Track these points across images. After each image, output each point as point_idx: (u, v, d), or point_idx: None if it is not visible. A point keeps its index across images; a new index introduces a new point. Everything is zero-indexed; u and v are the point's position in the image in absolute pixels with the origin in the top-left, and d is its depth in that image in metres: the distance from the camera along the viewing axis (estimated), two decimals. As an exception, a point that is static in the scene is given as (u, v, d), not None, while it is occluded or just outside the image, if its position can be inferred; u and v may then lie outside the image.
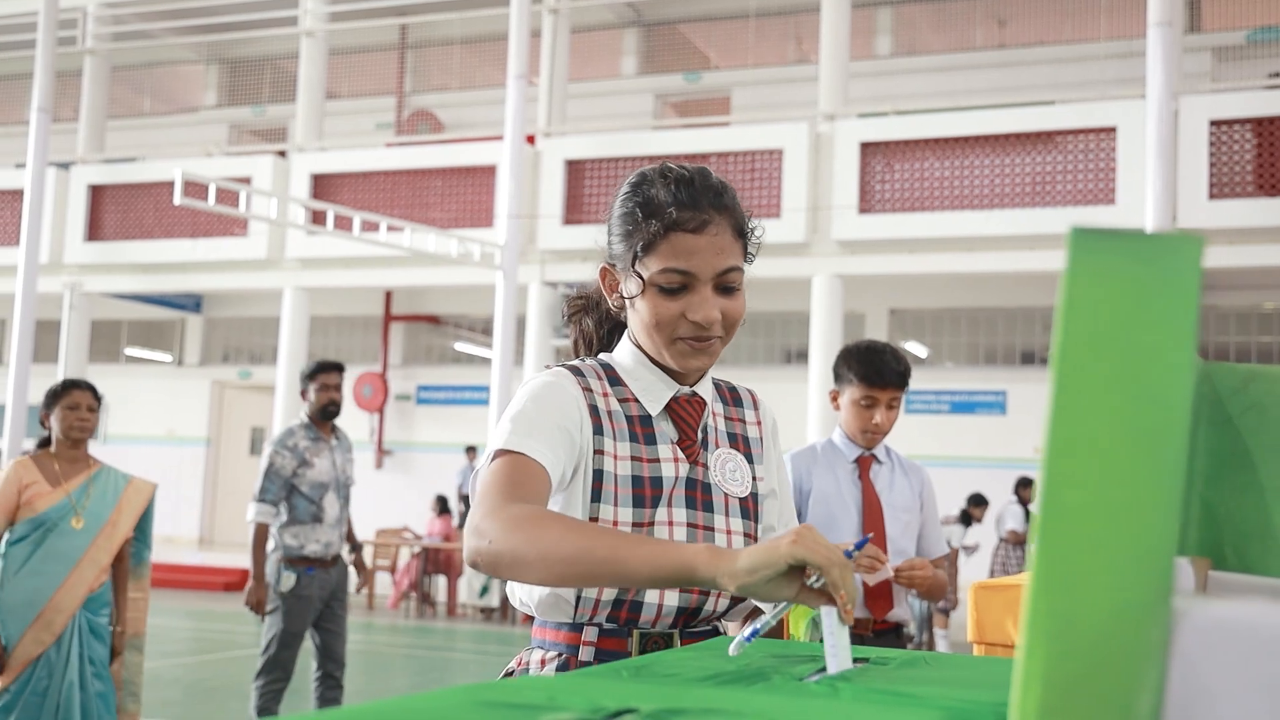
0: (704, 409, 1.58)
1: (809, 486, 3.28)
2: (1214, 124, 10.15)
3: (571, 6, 13.06)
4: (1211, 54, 13.44)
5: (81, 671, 4.15)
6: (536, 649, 1.52)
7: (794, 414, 10.82)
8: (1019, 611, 1.14)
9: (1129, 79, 11.80)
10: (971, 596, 2.25)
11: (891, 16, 14.80)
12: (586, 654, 1.47)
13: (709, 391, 1.62)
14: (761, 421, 1.69)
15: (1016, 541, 10.39)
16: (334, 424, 5.55)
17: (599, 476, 1.48)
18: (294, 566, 5.28)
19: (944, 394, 13.30)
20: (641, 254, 1.50)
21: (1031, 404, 12.99)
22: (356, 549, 5.73)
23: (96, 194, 13.98)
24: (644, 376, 1.57)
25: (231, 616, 11.96)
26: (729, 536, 1.54)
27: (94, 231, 13.92)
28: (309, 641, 5.44)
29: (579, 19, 14.03)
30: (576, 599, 1.47)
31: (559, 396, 1.49)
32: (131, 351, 16.84)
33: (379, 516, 13.94)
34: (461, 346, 15.55)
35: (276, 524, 5.32)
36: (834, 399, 3.33)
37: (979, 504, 10.41)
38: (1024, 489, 10.60)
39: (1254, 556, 1.02)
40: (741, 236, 1.55)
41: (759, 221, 1.62)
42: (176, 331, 16.70)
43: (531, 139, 12.34)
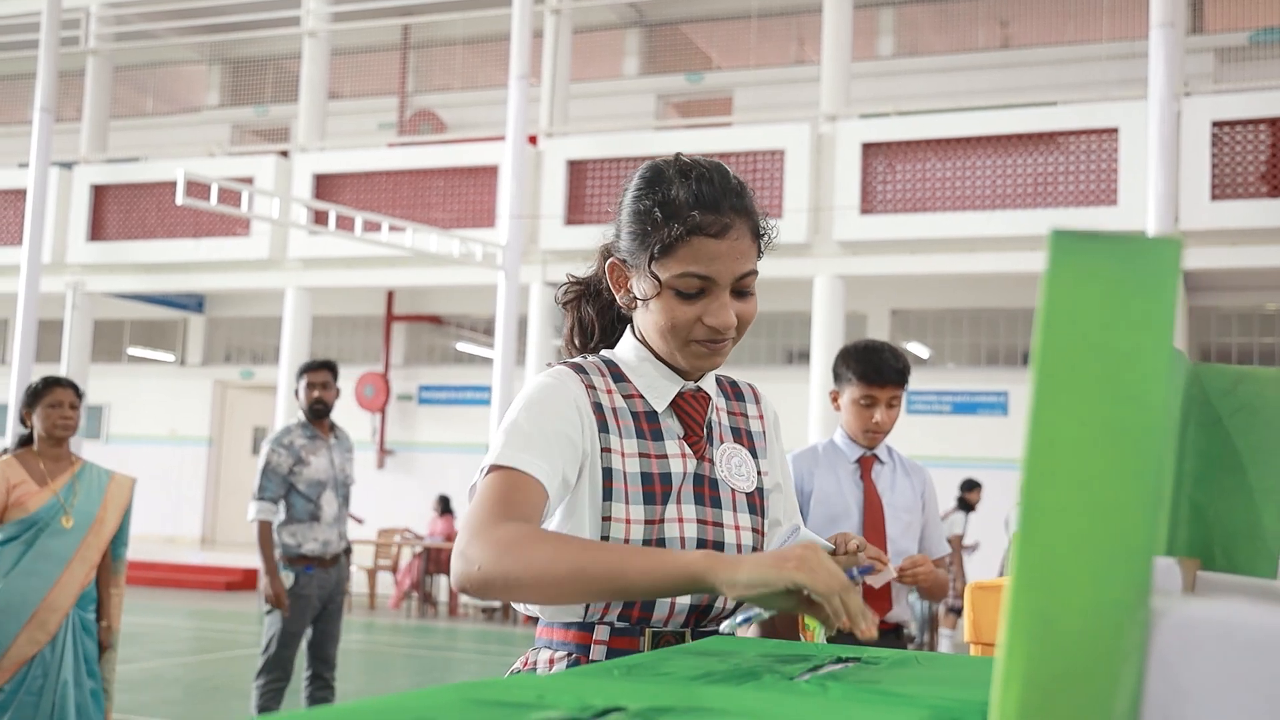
0: (709, 404, 1.57)
1: (810, 487, 3.27)
2: (1216, 125, 10.15)
3: (573, 7, 13.07)
4: (1214, 55, 13.43)
5: (76, 670, 4.15)
6: (544, 649, 1.49)
7: (795, 414, 10.83)
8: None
9: (1131, 80, 11.80)
10: (969, 597, 2.26)
11: (893, 17, 14.80)
12: (598, 653, 1.44)
13: (712, 387, 1.60)
14: (764, 416, 1.67)
15: None
16: (333, 423, 5.57)
17: (608, 475, 1.46)
18: (293, 565, 5.30)
19: (945, 395, 13.30)
20: (659, 255, 1.46)
21: (1033, 405, 12.95)
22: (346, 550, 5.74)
23: (99, 194, 14.00)
24: (649, 373, 1.55)
25: (233, 616, 11.97)
26: (737, 532, 1.53)
27: (96, 231, 13.94)
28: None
29: (581, 19, 14.04)
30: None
31: (558, 400, 1.47)
32: (134, 351, 16.86)
33: (381, 516, 13.95)
34: (463, 347, 15.56)
35: (276, 522, 5.34)
36: (834, 399, 3.33)
37: (972, 488, 10.45)
38: None
39: (1242, 557, 1.03)
40: (758, 237, 1.51)
41: (773, 221, 1.58)
42: (179, 331, 16.72)
43: (533, 139, 12.36)
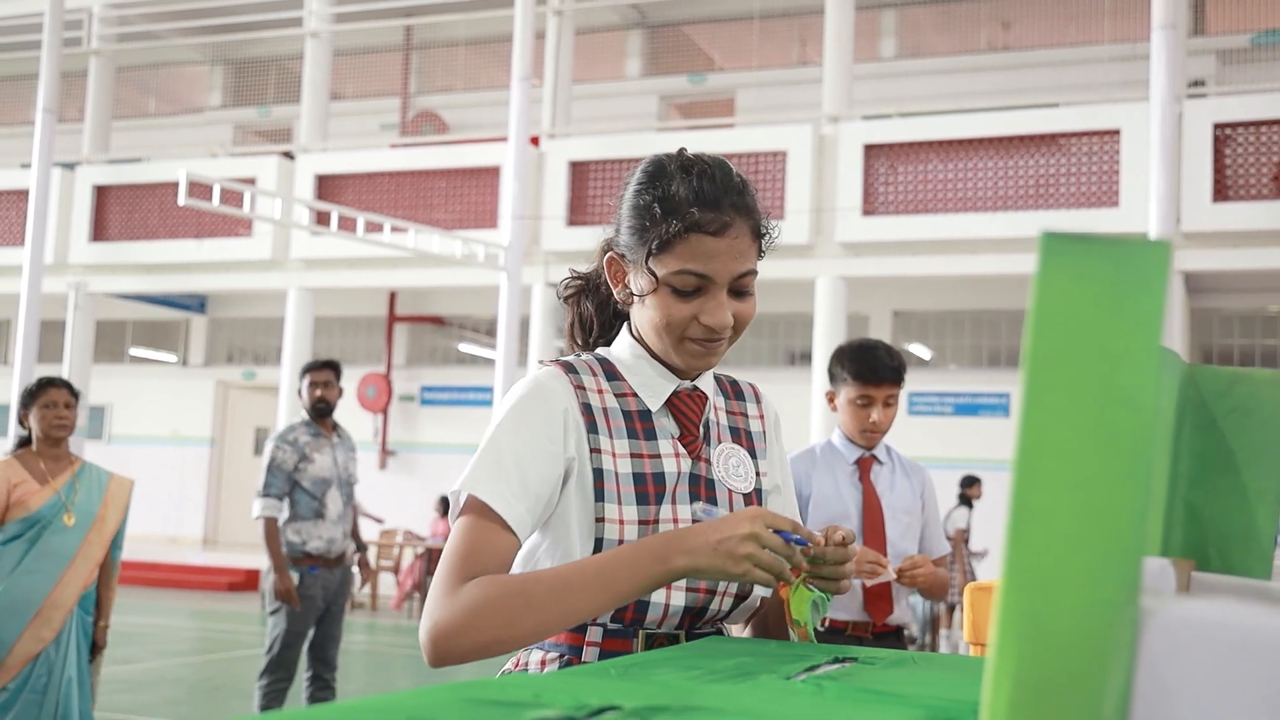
0: (705, 404, 1.55)
1: (809, 490, 3.23)
2: (1218, 127, 10.15)
3: (576, 8, 13.08)
4: (1216, 57, 13.43)
5: (80, 668, 4.18)
6: (536, 649, 1.47)
7: (798, 416, 10.83)
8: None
9: (1133, 82, 11.80)
10: (968, 597, 2.26)
11: (895, 19, 14.81)
12: (590, 655, 1.42)
13: (710, 386, 1.58)
14: (764, 415, 1.65)
15: None
16: (335, 422, 5.58)
17: (599, 475, 1.44)
18: (297, 566, 5.32)
19: (947, 396, 13.30)
20: (656, 252, 1.44)
21: (1035, 406, 12.95)
22: (361, 549, 5.76)
23: (101, 194, 14.01)
24: (643, 371, 1.52)
25: (235, 616, 11.98)
26: None
27: (99, 232, 13.95)
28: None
29: (583, 20, 14.05)
30: None
31: (540, 407, 1.44)
32: (136, 352, 16.87)
33: (383, 516, 13.96)
34: (465, 347, 15.57)
35: (281, 519, 5.36)
36: (830, 400, 3.30)
37: (972, 484, 10.47)
38: None
39: (1237, 558, 1.03)
40: (758, 237, 1.50)
41: (775, 222, 1.57)
42: (181, 332, 16.73)
43: (536, 140, 12.37)
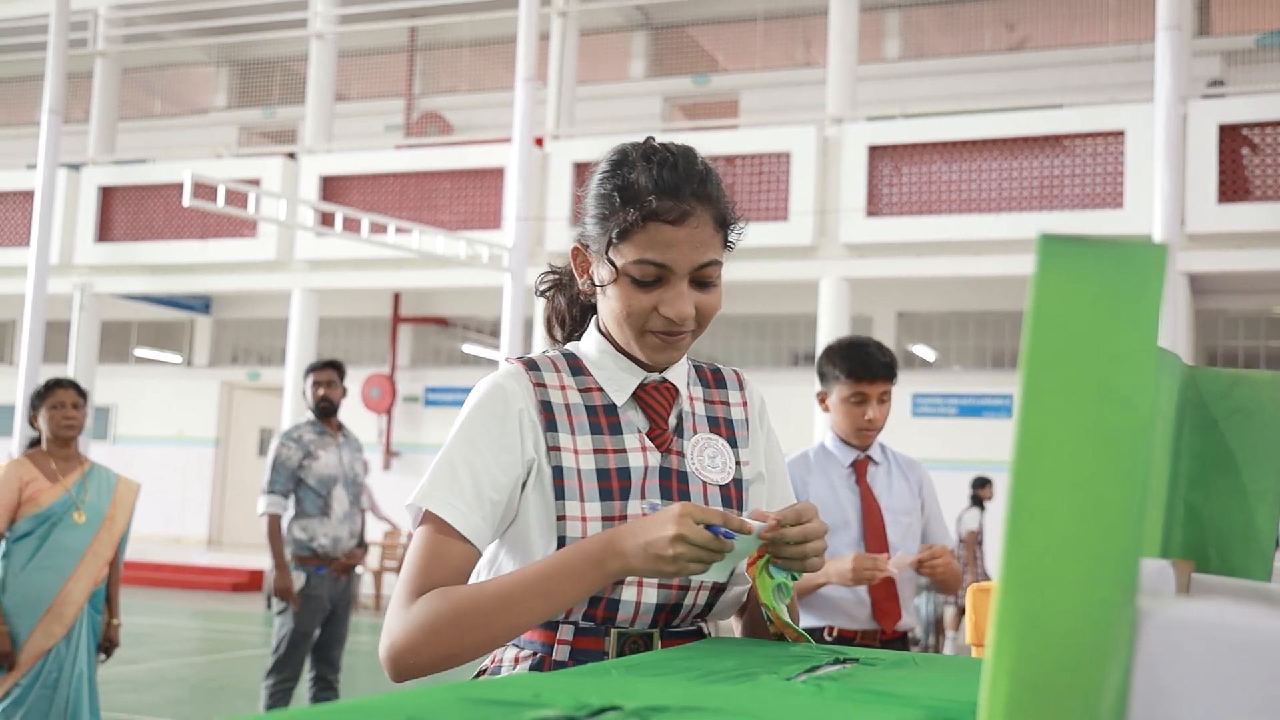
0: (675, 396, 1.52)
1: (805, 497, 3.11)
2: (1223, 128, 10.14)
3: (580, 9, 13.09)
4: (1221, 58, 13.41)
5: (90, 663, 4.24)
6: (511, 646, 1.47)
7: (801, 417, 10.83)
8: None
9: (1138, 83, 11.79)
10: (970, 598, 2.26)
11: (900, 20, 14.80)
12: (561, 653, 1.42)
13: (683, 376, 1.55)
14: (747, 402, 1.61)
15: None
16: (340, 423, 5.60)
17: (558, 473, 1.42)
18: (304, 566, 5.33)
19: (951, 397, 13.29)
20: (617, 241, 1.42)
21: (1039, 408, 12.95)
22: (361, 545, 5.77)
23: (107, 195, 14.04)
24: (609, 365, 1.50)
25: (239, 617, 12.00)
26: None
27: (104, 233, 13.98)
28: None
29: (587, 22, 14.05)
30: None
31: (494, 411, 1.43)
32: (141, 352, 16.90)
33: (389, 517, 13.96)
34: (469, 348, 15.58)
35: (287, 517, 5.37)
36: (822, 400, 3.21)
37: (984, 484, 10.46)
38: None
39: (1237, 559, 1.03)
40: (723, 228, 1.46)
41: (776, 223, 1.55)
42: (186, 332, 16.75)
43: (540, 141, 12.37)
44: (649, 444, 1.48)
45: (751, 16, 14.40)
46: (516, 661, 1.45)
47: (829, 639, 2.99)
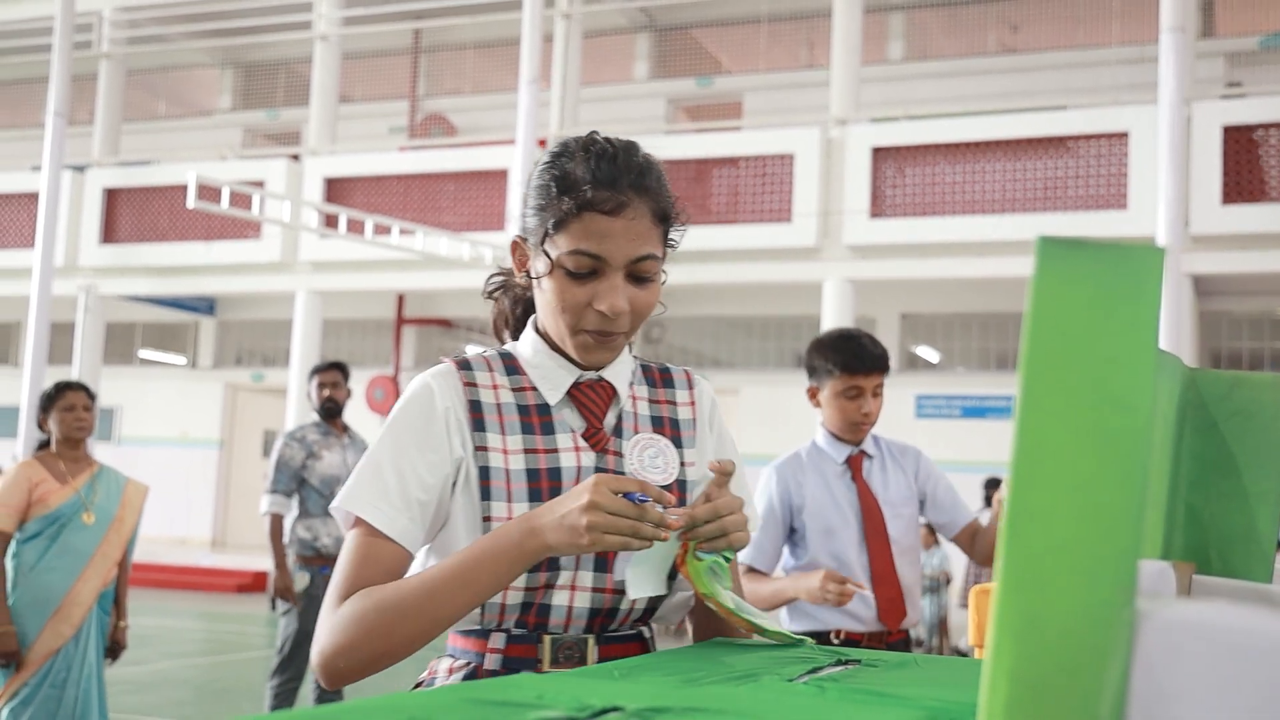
0: (613, 395, 1.48)
1: (800, 499, 3.06)
2: (1227, 129, 10.13)
3: (584, 11, 13.10)
4: (1225, 59, 13.41)
5: (98, 664, 4.28)
6: (446, 657, 1.45)
7: (803, 419, 10.83)
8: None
9: (1141, 84, 11.78)
10: (972, 600, 2.26)
11: (903, 21, 14.80)
12: (493, 662, 1.39)
13: (625, 376, 1.50)
14: (696, 402, 1.55)
15: None
16: (346, 424, 5.61)
17: (485, 474, 1.39)
18: (309, 566, 5.35)
19: (955, 399, 13.28)
20: (553, 231, 1.40)
21: (1043, 409, 12.94)
22: None
23: (111, 197, 14.06)
24: (544, 364, 1.47)
25: (243, 618, 12.01)
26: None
27: (109, 234, 14.00)
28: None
29: (591, 23, 14.06)
30: (483, 605, 1.38)
31: (421, 411, 1.42)
32: (145, 354, 16.92)
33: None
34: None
35: (290, 517, 5.39)
36: (813, 396, 3.08)
37: (996, 485, 10.45)
38: None
39: (1238, 560, 1.04)
40: (662, 223, 1.43)
41: (780, 229, 1.52)
42: (190, 334, 16.77)
43: (543, 143, 12.37)
44: (583, 444, 1.44)
45: (755, 18, 14.40)
46: (451, 672, 1.42)
47: (836, 642, 2.97)
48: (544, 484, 1.41)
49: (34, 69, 16.05)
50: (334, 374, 5.54)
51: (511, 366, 1.48)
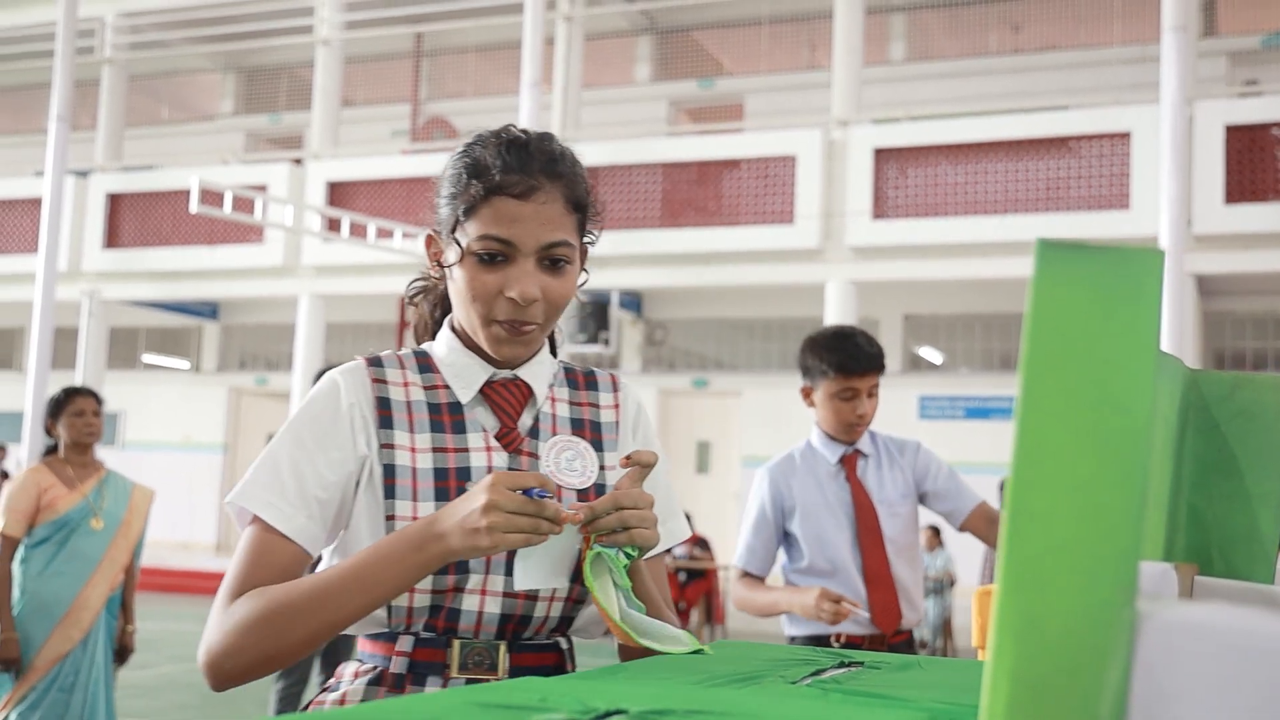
0: (529, 395, 1.43)
1: (792, 502, 3.00)
2: (1229, 129, 10.13)
3: (585, 14, 13.11)
4: (1227, 58, 13.40)
5: (106, 668, 4.29)
6: (354, 661, 1.40)
7: (806, 422, 10.79)
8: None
9: (1143, 84, 11.78)
10: (975, 602, 2.25)
11: (905, 22, 14.81)
12: (400, 665, 1.34)
13: (543, 375, 1.46)
14: (620, 405, 1.51)
15: None
16: None
17: (389, 472, 1.35)
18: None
19: (959, 399, 13.28)
20: (463, 219, 1.37)
21: (1047, 410, 12.96)
22: None
23: (114, 202, 14.08)
24: (457, 361, 1.43)
25: (248, 622, 12.01)
26: None
27: (112, 239, 14.02)
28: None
29: (593, 26, 14.08)
30: (389, 608, 1.34)
31: (325, 407, 1.38)
32: (149, 358, 16.95)
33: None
34: (476, 353, 15.59)
35: None
36: (806, 396, 3.02)
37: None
38: None
39: (1240, 562, 1.04)
40: (577, 211, 1.40)
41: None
42: (193, 338, 16.80)
43: (546, 146, 12.37)
44: (495, 444, 1.40)
45: (756, 20, 14.42)
46: (356, 675, 1.37)
47: (836, 645, 2.95)
48: (452, 484, 1.36)
49: (37, 74, 16.08)
50: None
51: (425, 364, 1.45)
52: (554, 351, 1.55)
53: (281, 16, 14.36)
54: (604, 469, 1.45)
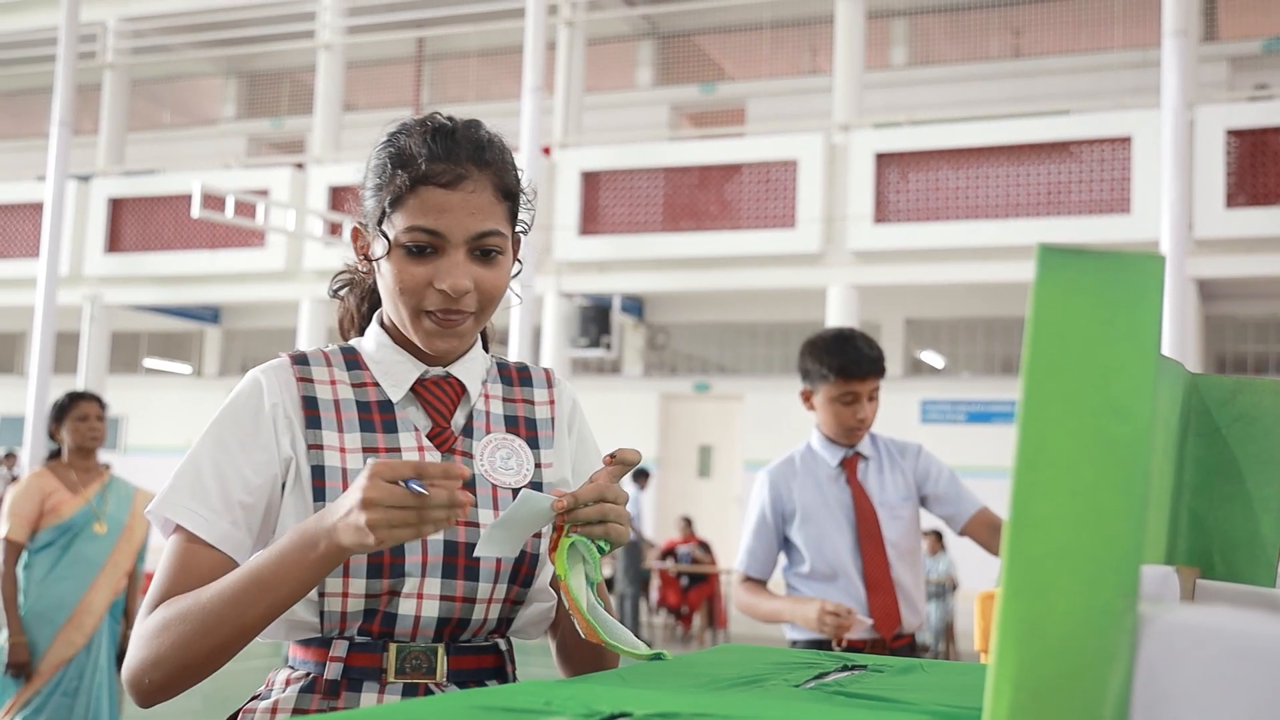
0: (461, 393, 1.40)
1: (792, 506, 2.97)
2: (1230, 133, 10.13)
3: (587, 19, 13.13)
4: (1228, 63, 13.41)
5: (110, 672, 4.30)
6: (285, 668, 1.35)
7: (808, 426, 10.81)
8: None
9: (1144, 88, 11.79)
10: (978, 605, 2.25)
11: (906, 27, 14.82)
12: (334, 671, 1.30)
13: (477, 373, 1.42)
14: (555, 401, 1.47)
15: None
16: None
17: (318, 473, 1.31)
18: None
19: (960, 404, 13.28)
20: (389, 210, 1.32)
21: (1048, 414, 12.96)
22: None
23: (116, 206, 14.10)
24: (387, 359, 1.38)
25: (249, 626, 12.01)
26: None
27: (114, 244, 14.04)
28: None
29: (594, 31, 14.09)
30: (321, 613, 1.30)
31: (246, 408, 1.34)
32: (150, 363, 16.95)
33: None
34: (478, 357, 15.60)
35: None
36: (806, 399, 2.99)
37: None
38: None
39: (1242, 565, 1.04)
40: (508, 199, 1.35)
41: (754, 225, 1.46)
42: (195, 343, 16.81)
43: (547, 150, 12.40)
44: (427, 444, 1.36)
45: (758, 25, 14.43)
46: (288, 683, 1.33)
47: (838, 649, 2.95)
48: None
49: (39, 79, 16.10)
50: None
51: (353, 361, 1.40)
52: (486, 347, 1.51)
53: (283, 21, 14.37)
54: (539, 466, 1.41)
